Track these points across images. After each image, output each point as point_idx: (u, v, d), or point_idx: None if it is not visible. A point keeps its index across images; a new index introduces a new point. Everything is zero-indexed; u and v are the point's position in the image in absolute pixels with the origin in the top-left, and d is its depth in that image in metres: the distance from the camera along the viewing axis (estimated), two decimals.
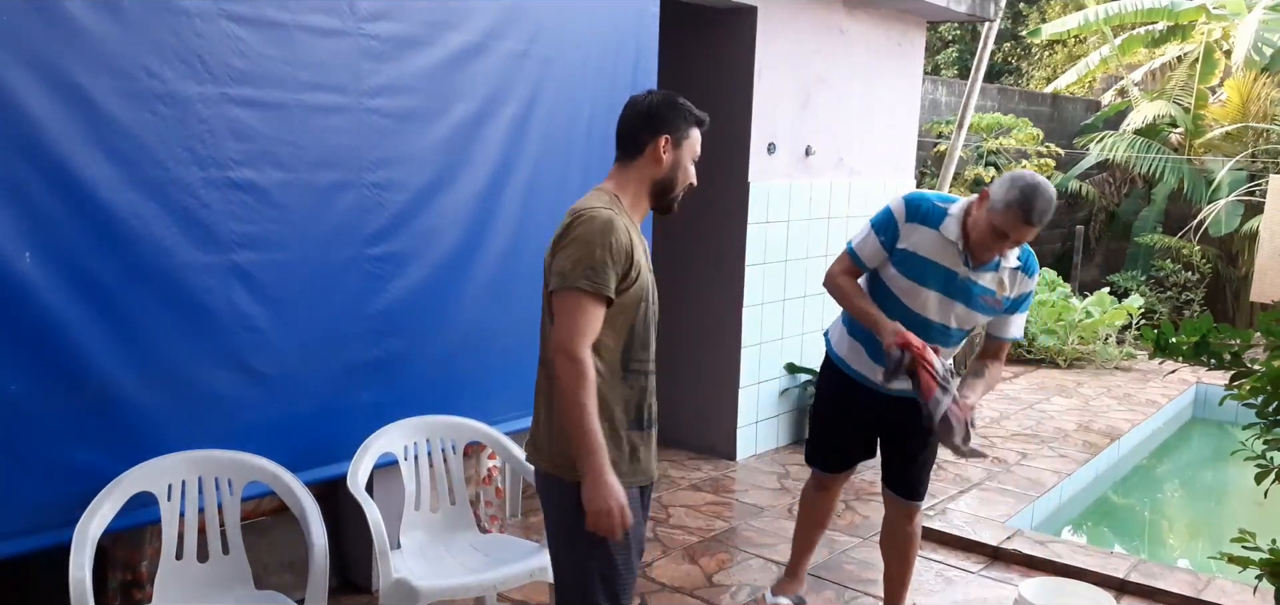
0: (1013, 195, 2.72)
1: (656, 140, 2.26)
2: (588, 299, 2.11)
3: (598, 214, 2.15)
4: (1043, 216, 2.72)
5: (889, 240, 2.93)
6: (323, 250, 3.01)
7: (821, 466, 3.34)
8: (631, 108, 2.31)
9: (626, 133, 2.30)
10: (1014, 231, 2.75)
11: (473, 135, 3.35)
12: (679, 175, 2.31)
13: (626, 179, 2.29)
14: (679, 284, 5.18)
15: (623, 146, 2.30)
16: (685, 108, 2.31)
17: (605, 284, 2.11)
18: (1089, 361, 8.15)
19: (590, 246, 2.11)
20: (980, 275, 2.89)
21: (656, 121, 2.27)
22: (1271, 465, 1.94)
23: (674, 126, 2.28)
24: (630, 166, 2.28)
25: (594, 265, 2.10)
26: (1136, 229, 10.19)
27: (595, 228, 2.13)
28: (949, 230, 2.87)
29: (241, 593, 2.77)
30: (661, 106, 2.29)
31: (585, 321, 2.11)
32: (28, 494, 2.49)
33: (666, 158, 2.27)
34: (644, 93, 2.36)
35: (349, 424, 3.08)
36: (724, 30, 5.02)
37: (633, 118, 2.29)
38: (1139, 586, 3.82)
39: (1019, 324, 3.03)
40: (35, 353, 2.45)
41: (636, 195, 2.29)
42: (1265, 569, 1.95)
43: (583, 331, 2.10)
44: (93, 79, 2.47)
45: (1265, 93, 9.80)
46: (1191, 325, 1.83)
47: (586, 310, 2.11)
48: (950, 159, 6.95)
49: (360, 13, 3.00)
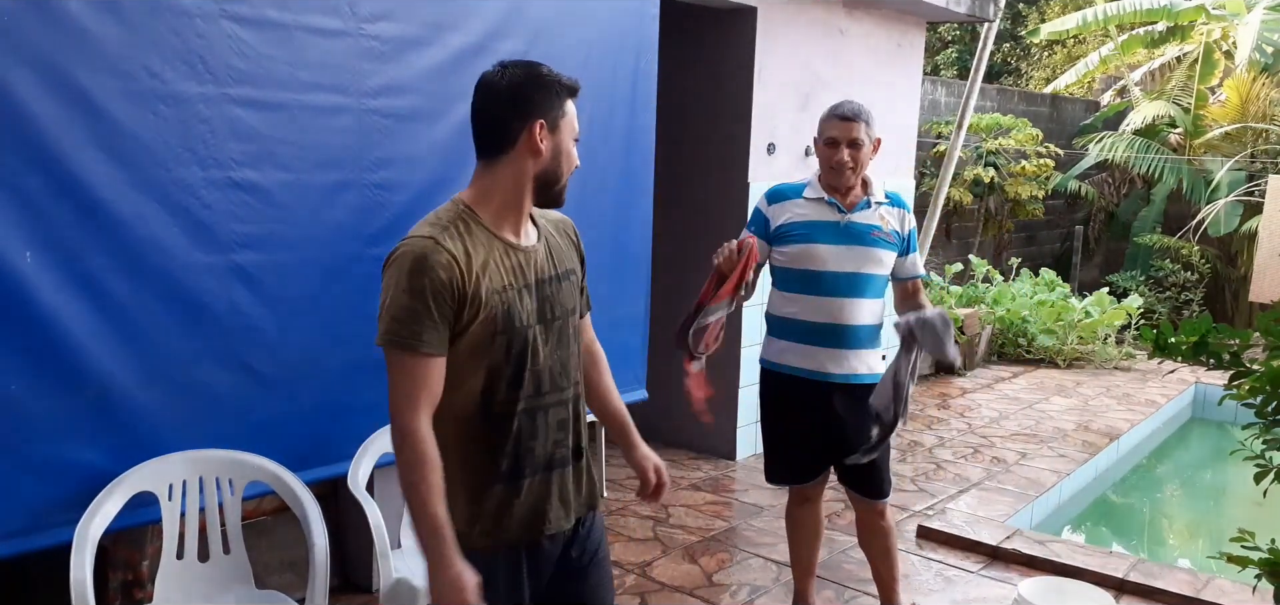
0: (824, 114, 3.11)
1: (529, 127, 1.84)
2: (405, 356, 1.77)
3: (407, 247, 1.80)
4: (852, 108, 3.05)
5: (761, 229, 3.12)
6: (324, 250, 3.01)
7: (790, 480, 3.31)
8: (487, 92, 1.87)
9: (488, 124, 1.87)
10: (835, 130, 3.04)
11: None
12: (563, 163, 1.91)
13: (492, 182, 1.88)
14: (678, 284, 5.17)
15: (485, 142, 1.88)
16: (553, 79, 1.88)
17: (417, 337, 1.76)
18: (1088, 361, 8.16)
19: (396, 292, 1.77)
20: (857, 215, 3.07)
21: (524, 104, 1.84)
22: (1270, 465, 1.94)
23: (546, 106, 1.86)
24: (497, 165, 1.87)
25: (400, 315, 1.76)
26: (1136, 229, 10.20)
27: (402, 268, 1.78)
28: (810, 191, 3.12)
29: (242, 592, 2.78)
30: (526, 85, 1.85)
31: (410, 383, 1.78)
32: (28, 494, 2.49)
33: (545, 146, 1.86)
34: (496, 70, 1.88)
35: (350, 424, 3.08)
36: (724, 30, 5.02)
37: (492, 104, 1.86)
38: (1138, 586, 3.82)
39: (918, 261, 3.23)
40: (36, 353, 2.45)
41: (507, 200, 1.88)
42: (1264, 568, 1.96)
43: (408, 395, 1.77)
44: (94, 79, 2.47)
45: (1264, 93, 9.81)
46: (1190, 325, 1.83)
47: (407, 370, 1.78)
48: (950, 159, 6.95)
49: (361, 13, 3.00)
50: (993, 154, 9.13)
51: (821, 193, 3.09)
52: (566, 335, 1.97)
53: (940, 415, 6.48)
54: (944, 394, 7.06)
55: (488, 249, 1.85)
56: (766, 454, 3.34)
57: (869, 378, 3.08)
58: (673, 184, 4.85)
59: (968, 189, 8.97)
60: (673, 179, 4.84)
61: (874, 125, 3.08)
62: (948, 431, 6.09)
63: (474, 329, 1.81)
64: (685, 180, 5.16)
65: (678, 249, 5.04)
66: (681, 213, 5.10)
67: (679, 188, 5.07)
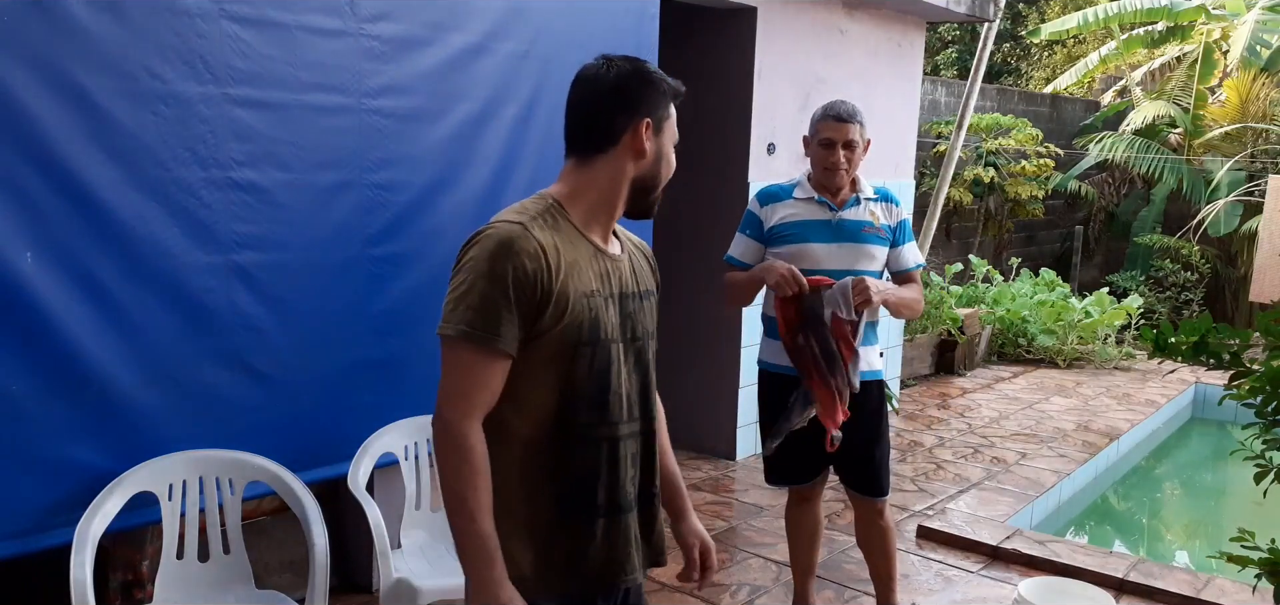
0: (818, 113, 3.10)
1: (635, 125, 1.71)
2: (470, 351, 1.58)
3: (492, 230, 1.63)
4: (846, 109, 3.04)
5: (755, 230, 3.15)
6: (324, 250, 3.01)
7: (788, 481, 3.31)
8: (591, 85, 1.73)
9: (590, 119, 1.72)
10: (831, 132, 3.04)
11: (474, 136, 3.36)
12: (663, 169, 1.79)
13: (586, 181, 1.73)
14: (678, 284, 5.18)
15: (583, 138, 1.74)
16: (661, 79, 1.75)
17: (494, 330, 1.58)
18: (1088, 361, 8.16)
19: (475, 277, 1.59)
20: (849, 212, 3.09)
21: (632, 101, 1.71)
22: (1270, 465, 1.94)
23: (654, 105, 1.73)
24: (594, 164, 1.72)
25: (477, 304, 1.58)
26: (1136, 229, 10.20)
27: (484, 251, 1.60)
28: (801, 191, 3.13)
29: (242, 592, 2.78)
30: (635, 80, 1.72)
31: (469, 381, 1.58)
32: (28, 494, 2.49)
33: (650, 147, 1.73)
34: (600, 62, 1.74)
35: (350, 424, 3.09)
36: (724, 30, 5.02)
37: (596, 99, 1.72)
38: (1138, 586, 3.82)
39: (913, 251, 3.21)
40: (36, 353, 2.45)
41: (599, 202, 1.74)
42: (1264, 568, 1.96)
43: (466, 394, 1.58)
44: (94, 79, 2.47)
45: (1264, 93, 9.81)
46: (1190, 325, 1.83)
47: (469, 366, 1.59)
48: (950, 159, 6.95)
49: (361, 13, 3.00)
50: (993, 154, 9.14)
51: (812, 192, 3.11)
52: (645, 360, 1.80)
53: (940, 415, 6.48)
54: (944, 394, 7.06)
55: (576, 248, 1.68)
56: (764, 455, 3.34)
57: (867, 374, 3.08)
58: (673, 183, 4.84)
59: (968, 189, 8.97)
60: (673, 179, 4.83)
61: (866, 125, 3.10)
62: (948, 431, 6.09)
63: (553, 334, 1.63)
64: (685, 180, 5.11)
65: (678, 249, 5.04)
66: (681, 212, 5.09)
67: (679, 187, 5.03)
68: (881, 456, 3.19)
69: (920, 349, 7.39)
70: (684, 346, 5.24)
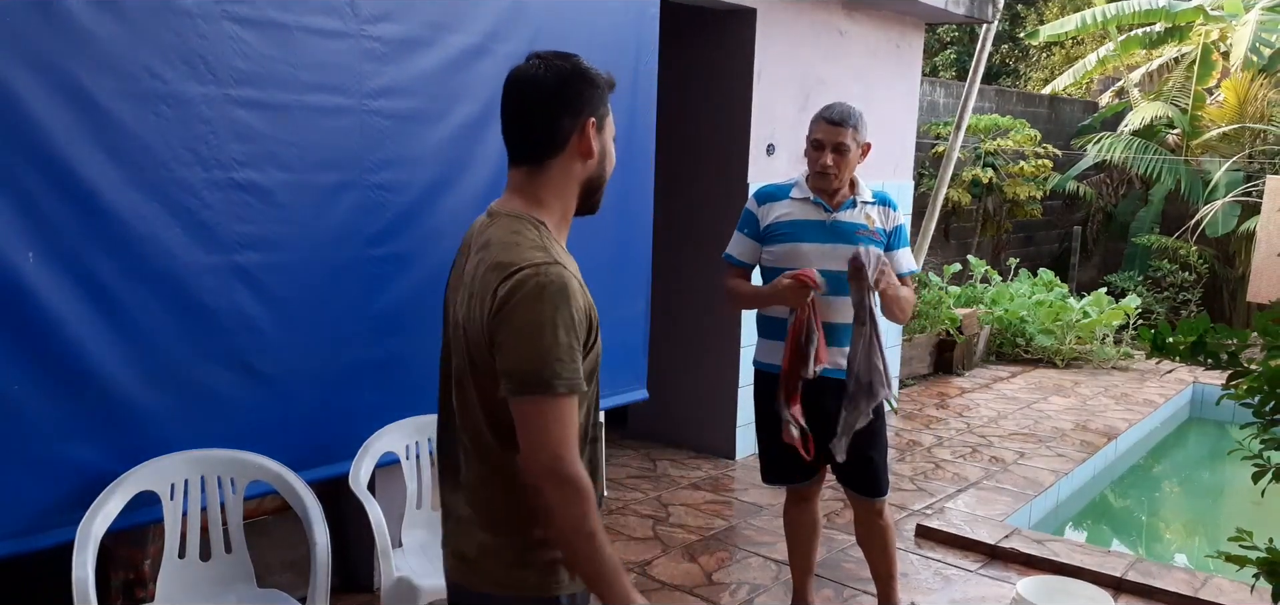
0: (815, 113, 3.13)
1: (581, 125, 1.66)
2: (568, 401, 1.56)
3: (545, 277, 1.56)
4: (840, 112, 3.05)
5: (752, 229, 3.17)
6: (325, 251, 3.01)
7: (784, 480, 3.31)
8: (530, 88, 1.66)
9: (535, 124, 1.66)
10: (820, 134, 3.06)
11: (474, 137, 3.36)
12: (607, 166, 1.74)
13: (544, 190, 1.68)
14: (678, 284, 5.19)
15: (531, 144, 1.67)
16: (597, 75, 1.71)
17: (575, 375, 1.57)
18: (1086, 361, 8.17)
19: (552, 330, 1.55)
20: (844, 214, 3.10)
21: (576, 101, 1.66)
22: (1268, 464, 1.95)
23: (595, 102, 1.68)
24: (546, 170, 1.67)
25: (563, 356, 1.55)
26: (1134, 229, 10.22)
27: (550, 302, 1.55)
28: (798, 191, 3.15)
29: (244, 591, 2.78)
30: (575, 79, 1.67)
31: (562, 428, 1.56)
32: (30, 494, 2.49)
33: (596, 146, 1.69)
34: (533, 62, 1.68)
35: (351, 423, 3.09)
36: (724, 31, 5.03)
37: (539, 102, 1.65)
38: (1136, 585, 3.83)
39: (907, 256, 3.22)
40: (38, 353, 2.45)
41: (563, 210, 1.70)
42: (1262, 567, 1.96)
43: (565, 441, 1.56)
44: (95, 80, 2.48)
45: (1262, 94, 9.83)
46: (1188, 325, 1.84)
47: (561, 415, 1.56)
48: (948, 160, 6.96)
49: (362, 14, 3.01)
50: (991, 155, 9.15)
51: (808, 193, 3.12)
52: None
53: (939, 415, 6.49)
54: (943, 394, 7.07)
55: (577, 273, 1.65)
56: (761, 455, 3.35)
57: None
58: (673, 184, 4.86)
59: (966, 189, 8.98)
60: (673, 179, 4.85)
61: (864, 129, 3.08)
62: (946, 431, 6.10)
63: (592, 355, 1.65)
64: (685, 180, 5.16)
65: (678, 248, 5.05)
66: (681, 212, 5.10)
67: (679, 187, 5.08)
68: (879, 457, 3.19)
69: (919, 349, 7.40)
70: (684, 346, 5.25)
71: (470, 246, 1.74)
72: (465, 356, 1.67)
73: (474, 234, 1.75)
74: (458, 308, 1.70)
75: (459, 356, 1.70)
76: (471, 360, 1.65)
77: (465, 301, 1.66)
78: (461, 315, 1.67)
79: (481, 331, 1.61)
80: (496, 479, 1.69)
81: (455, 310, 1.72)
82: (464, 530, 1.74)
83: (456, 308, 1.71)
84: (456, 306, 1.71)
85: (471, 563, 1.72)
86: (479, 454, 1.70)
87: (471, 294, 1.64)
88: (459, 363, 1.70)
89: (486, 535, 1.70)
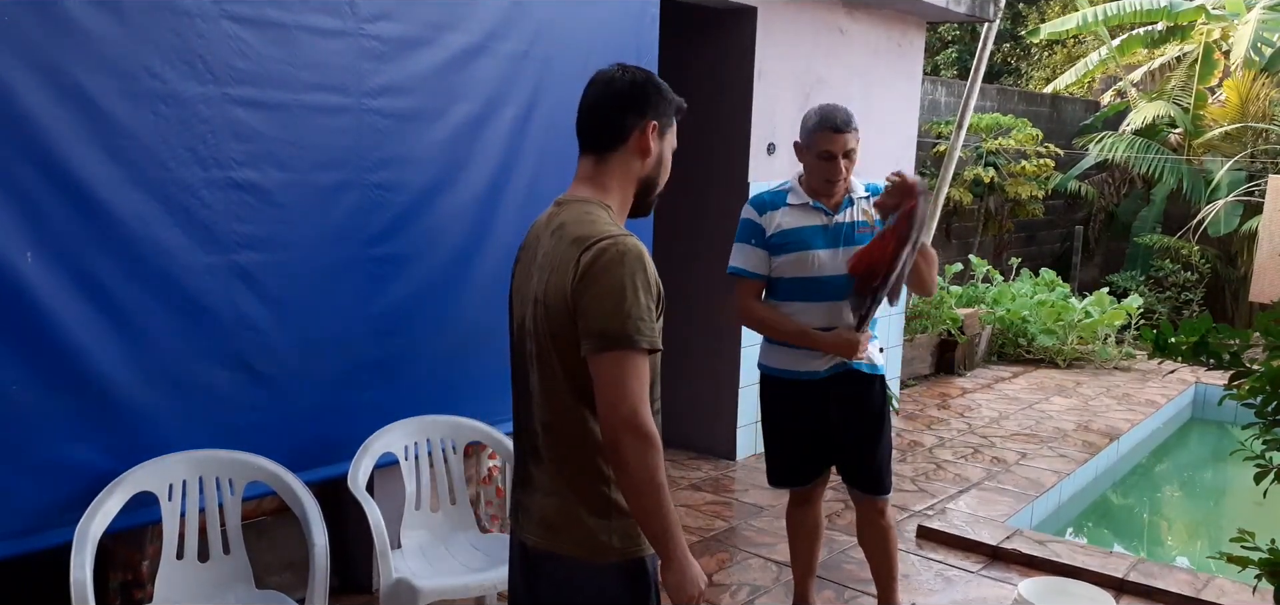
0: (812, 122, 3.03)
1: (644, 125, 1.87)
2: (644, 357, 1.73)
3: (624, 244, 1.75)
4: (843, 117, 2.98)
5: (759, 238, 3.08)
6: (324, 250, 3.01)
7: (791, 483, 3.30)
8: (605, 87, 1.88)
9: (602, 118, 1.87)
10: (830, 144, 2.98)
11: (474, 136, 3.36)
12: (662, 172, 1.95)
13: (608, 178, 1.88)
14: (679, 284, 5.18)
15: (597, 136, 1.88)
16: (668, 91, 1.93)
17: (655, 334, 1.75)
18: (1088, 361, 8.16)
19: (633, 291, 1.72)
20: (843, 214, 3.07)
21: (642, 103, 1.87)
22: (1270, 465, 1.95)
23: (661, 110, 1.90)
24: (610, 161, 1.88)
25: (644, 314, 1.72)
26: (1136, 229, 10.20)
27: (630, 267, 1.73)
28: (795, 197, 3.08)
29: (242, 592, 2.78)
30: (647, 86, 1.89)
31: (641, 383, 1.72)
32: (28, 493, 2.49)
33: (654, 147, 1.89)
34: (615, 68, 1.91)
35: (350, 424, 3.09)
36: (724, 30, 5.02)
37: (609, 98, 1.87)
38: (1138, 586, 3.82)
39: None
40: (37, 352, 2.45)
41: (624, 198, 1.91)
42: (1264, 569, 1.96)
43: (643, 396, 1.72)
44: (94, 79, 2.47)
45: (1264, 93, 9.81)
46: (1190, 325, 1.83)
47: (640, 370, 1.72)
48: (950, 159, 6.95)
49: (361, 13, 3.00)
50: (993, 154, 9.14)
51: (806, 198, 3.07)
52: None
53: (940, 415, 6.48)
54: (944, 394, 7.06)
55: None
56: (769, 458, 3.32)
57: (869, 370, 3.11)
58: (673, 184, 4.82)
59: (968, 189, 8.97)
60: (673, 179, 4.81)
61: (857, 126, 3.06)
62: (948, 431, 6.09)
63: (659, 326, 1.82)
64: (685, 180, 5.12)
65: (678, 248, 5.04)
66: (681, 212, 5.09)
67: (679, 187, 5.02)
68: (883, 455, 3.19)
69: (920, 349, 7.39)
70: (685, 346, 5.24)
71: (539, 237, 1.90)
72: (546, 332, 1.80)
73: (541, 226, 1.92)
74: (533, 290, 1.85)
75: (539, 335, 1.83)
76: (552, 333, 1.79)
77: (543, 280, 1.81)
78: (540, 293, 1.82)
79: (566, 301, 1.75)
80: (582, 447, 1.82)
81: (527, 295, 1.87)
82: (548, 500, 1.86)
83: (530, 292, 1.86)
84: (529, 292, 1.87)
85: (557, 528, 1.84)
86: (564, 425, 1.83)
87: (553, 269, 1.79)
88: (539, 342, 1.83)
89: (575, 503, 1.82)
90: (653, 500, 1.73)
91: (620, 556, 1.83)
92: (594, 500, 1.82)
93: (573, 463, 1.83)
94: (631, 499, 1.76)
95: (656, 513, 1.74)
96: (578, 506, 1.82)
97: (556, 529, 1.84)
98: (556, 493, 1.84)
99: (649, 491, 1.72)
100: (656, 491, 1.72)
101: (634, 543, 1.83)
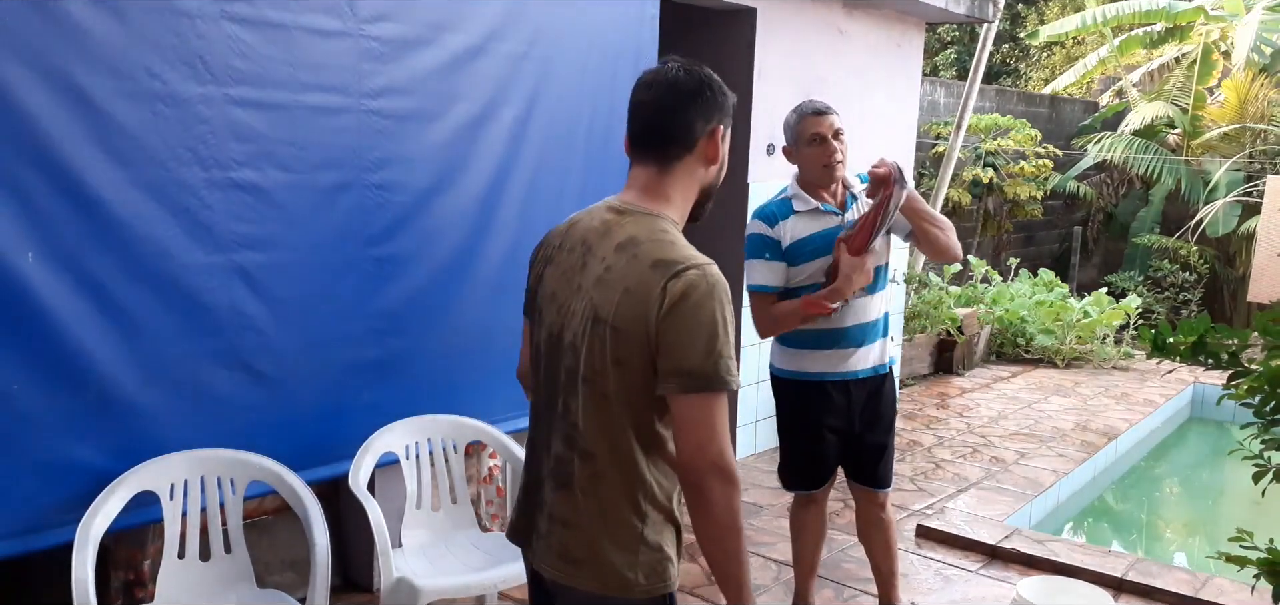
0: (794, 117, 3.04)
1: (712, 129, 1.69)
2: (724, 399, 1.61)
3: (711, 275, 1.61)
4: (821, 103, 3.03)
5: (775, 251, 3.01)
6: (324, 250, 3.01)
7: (804, 486, 3.28)
8: (670, 88, 1.67)
9: (668, 121, 1.67)
10: (818, 127, 3.00)
11: (473, 136, 3.36)
12: (721, 177, 1.79)
13: (671, 187, 1.69)
14: None
15: (662, 141, 1.68)
16: (726, 87, 1.75)
17: (736, 373, 1.63)
18: (1087, 361, 8.17)
19: (723, 329, 1.60)
20: (851, 212, 3.05)
21: (709, 105, 1.68)
22: (1269, 464, 1.95)
23: (727, 111, 1.72)
24: (675, 169, 1.69)
25: (730, 354, 1.60)
26: (1134, 229, 10.21)
27: (718, 298, 1.60)
28: (801, 203, 3.04)
29: (244, 592, 2.78)
30: (713, 84, 1.70)
31: (725, 424, 1.61)
32: (30, 493, 2.49)
33: (721, 153, 1.73)
34: (672, 64, 1.70)
35: (350, 423, 3.09)
36: (724, 31, 5.03)
37: (676, 100, 1.67)
38: (1137, 585, 3.83)
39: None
40: (37, 352, 2.45)
41: (685, 209, 1.73)
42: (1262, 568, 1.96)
43: (727, 436, 1.61)
44: (94, 79, 2.48)
45: (1263, 93, 9.83)
46: (1189, 325, 1.83)
47: (725, 410, 1.61)
48: (948, 160, 6.96)
49: (361, 14, 3.01)
50: (991, 154, 9.14)
51: (813, 202, 3.03)
52: None
53: (939, 415, 6.49)
54: (943, 394, 7.07)
55: None
56: (788, 462, 3.30)
57: (878, 368, 3.14)
58: None
59: (966, 189, 8.98)
60: None
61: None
62: (947, 431, 6.10)
63: None
64: None
65: None
66: None
67: None
68: (890, 448, 3.21)
69: (919, 349, 7.40)
70: None
71: (589, 243, 1.70)
72: (609, 356, 1.63)
73: (590, 231, 1.72)
74: (590, 305, 1.66)
75: (594, 356, 1.65)
76: (618, 360, 1.62)
77: (612, 299, 1.62)
78: (606, 314, 1.63)
79: (646, 331, 1.59)
80: (624, 480, 1.68)
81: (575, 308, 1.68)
82: (572, 532, 1.72)
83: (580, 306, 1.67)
84: (577, 305, 1.68)
85: (580, 563, 1.71)
86: (610, 456, 1.67)
87: (626, 291, 1.61)
88: (593, 363, 1.65)
89: (600, 536, 1.69)
90: (734, 544, 1.62)
91: (646, 594, 1.70)
92: (621, 534, 1.68)
93: (608, 495, 1.68)
94: (712, 543, 1.63)
95: (737, 556, 1.63)
96: (602, 538, 1.68)
97: (579, 563, 1.71)
98: (579, 525, 1.70)
99: (732, 536, 1.62)
100: (738, 535, 1.62)
101: (661, 580, 1.71)
